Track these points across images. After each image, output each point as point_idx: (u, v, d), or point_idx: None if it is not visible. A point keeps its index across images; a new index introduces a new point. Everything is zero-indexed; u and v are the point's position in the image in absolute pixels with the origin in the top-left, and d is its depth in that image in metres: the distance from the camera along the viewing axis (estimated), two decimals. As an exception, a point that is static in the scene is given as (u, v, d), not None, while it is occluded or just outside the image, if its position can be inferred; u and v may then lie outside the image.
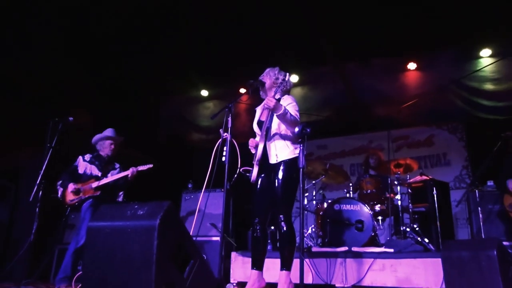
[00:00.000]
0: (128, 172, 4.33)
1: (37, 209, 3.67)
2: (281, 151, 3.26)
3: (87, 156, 4.51)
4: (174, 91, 7.44)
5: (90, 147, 4.61)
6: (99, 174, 4.42)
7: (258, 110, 3.58)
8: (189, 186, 5.79)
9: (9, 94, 5.82)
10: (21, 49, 5.40)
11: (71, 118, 3.96)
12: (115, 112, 6.30)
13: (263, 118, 3.41)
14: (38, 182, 3.67)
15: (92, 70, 6.17)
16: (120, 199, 4.52)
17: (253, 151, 3.36)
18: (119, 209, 2.41)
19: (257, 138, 3.47)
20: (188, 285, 2.22)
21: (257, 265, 3.25)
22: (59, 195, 4.34)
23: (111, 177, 4.37)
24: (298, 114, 3.31)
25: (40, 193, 3.70)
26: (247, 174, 3.30)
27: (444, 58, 6.04)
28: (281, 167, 3.23)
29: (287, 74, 3.43)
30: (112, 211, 2.46)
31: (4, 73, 5.66)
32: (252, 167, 3.29)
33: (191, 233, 2.49)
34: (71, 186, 4.27)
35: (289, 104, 3.33)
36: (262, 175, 3.33)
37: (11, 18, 5.01)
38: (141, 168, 4.34)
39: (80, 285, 2.69)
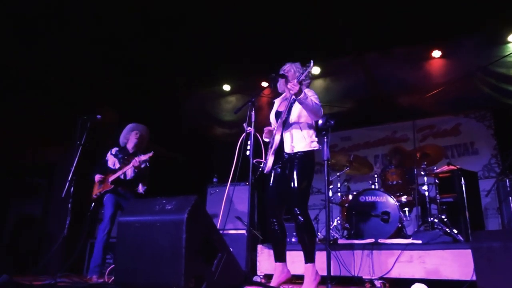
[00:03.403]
0: (129, 166, 4.32)
1: (69, 205, 3.80)
2: (298, 142, 3.23)
3: (114, 150, 4.60)
4: (196, 86, 7.50)
5: (118, 143, 4.70)
6: (117, 167, 4.47)
7: (277, 101, 3.57)
8: (214, 180, 5.85)
9: (40, 94, 6.00)
10: (51, 51, 5.56)
11: (98, 116, 4.05)
12: (140, 108, 6.41)
13: (281, 109, 3.39)
14: (69, 178, 3.79)
15: (117, 68, 6.28)
16: (141, 191, 4.51)
17: (265, 139, 3.35)
18: (148, 204, 2.48)
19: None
20: (216, 278, 2.26)
21: (280, 257, 3.27)
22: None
23: (120, 171, 4.38)
24: (320, 104, 3.28)
25: (72, 189, 3.83)
26: (260, 166, 3.30)
27: (470, 44, 5.88)
28: (297, 159, 3.19)
29: (309, 67, 3.25)
30: (141, 206, 2.52)
31: (35, 74, 5.85)
32: (265, 158, 3.29)
33: (217, 227, 2.53)
34: (98, 177, 4.35)
35: (310, 96, 3.30)
36: (277, 165, 3.29)
37: (42, 23, 5.15)
38: (140, 158, 4.26)
39: (112, 277, 2.77)
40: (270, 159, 3.25)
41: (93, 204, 4.43)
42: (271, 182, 3.30)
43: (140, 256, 2.32)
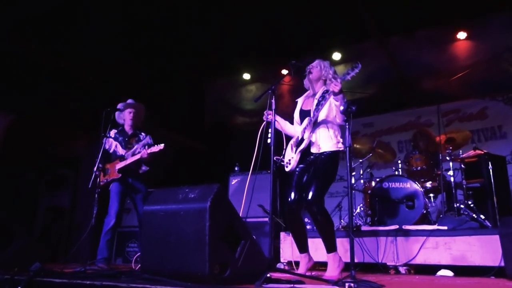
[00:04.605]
0: (138, 157, 4.13)
1: (96, 195, 3.89)
2: (325, 142, 3.24)
3: (112, 132, 4.34)
4: (217, 76, 7.52)
5: (117, 125, 4.48)
6: (123, 153, 4.28)
7: (300, 100, 3.56)
8: (236, 169, 5.89)
9: (66, 88, 6.13)
10: (76, 45, 5.66)
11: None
12: (163, 99, 6.47)
13: (306, 107, 3.40)
14: (95, 169, 3.87)
15: (140, 60, 6.35)
16: (142, 170, 4.30)
17: (268, 118, 3.19)
18: (171, 192, 2.51)
19: (294, 126, 3.49)
20: (240, 265, 2.28)
21: (303, 249, 3.36)
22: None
23: (129, 159, 4.18)
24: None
25: (98, 179, 3.91)
26: (281, 163, 3.31)
27: (497, 25, 5.68)
28: (322, 159, 3.21)
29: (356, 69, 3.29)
30: (165, 195, 2.56)
31: (61, 69, 5.98)
32: (282, 155, 3.33)
33: (240, 215, 2.54)
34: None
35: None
36: (301, 165, 3.32)
37: (66, 16, 5.24)
38: (151, 150, 4.06)
39: (139, 265, 2.85)
40: (295, 158, 3.28)
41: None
42: (295, 178, 3.33)
43: (165, 244, 2.36)
